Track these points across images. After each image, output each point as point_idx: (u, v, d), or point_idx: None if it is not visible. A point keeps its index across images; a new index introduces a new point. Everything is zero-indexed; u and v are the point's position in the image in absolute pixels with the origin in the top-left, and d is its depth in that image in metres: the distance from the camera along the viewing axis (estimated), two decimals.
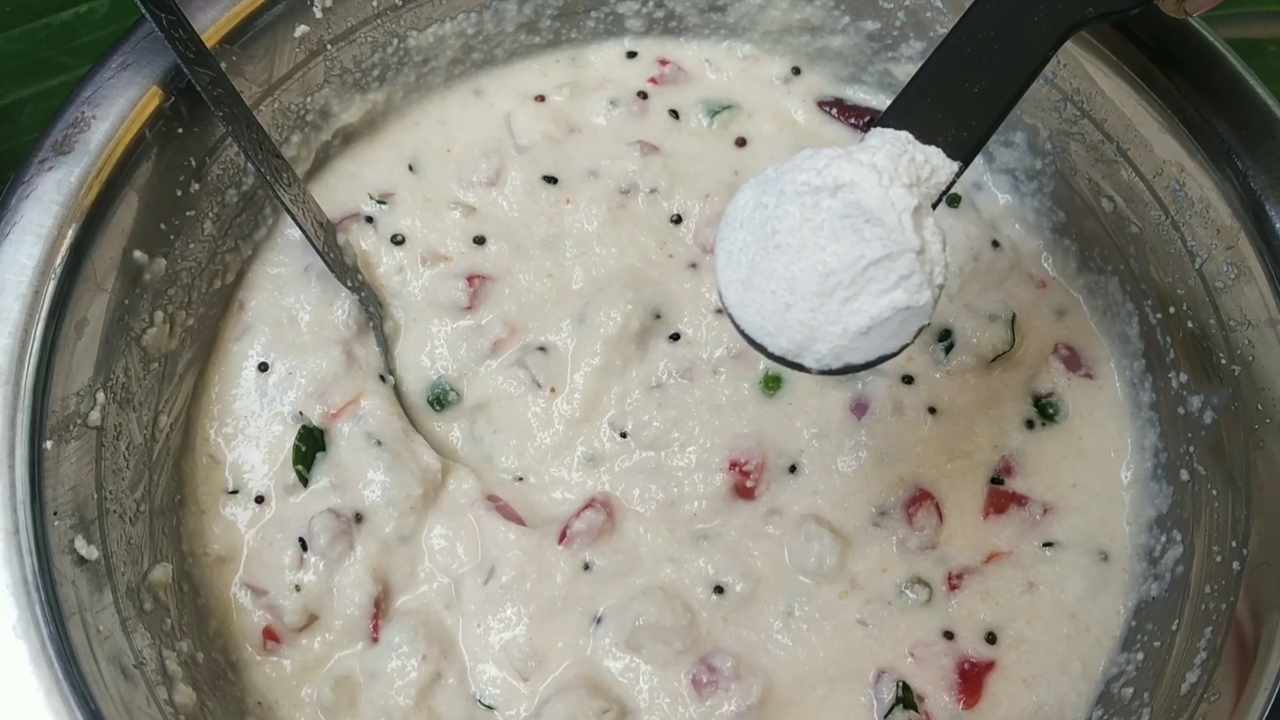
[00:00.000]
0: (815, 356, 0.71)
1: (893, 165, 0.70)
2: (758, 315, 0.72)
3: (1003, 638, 0.96)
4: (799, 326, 0.70)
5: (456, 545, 0.97)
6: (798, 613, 0.96)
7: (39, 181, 0.86)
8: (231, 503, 0.98)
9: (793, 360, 0.72)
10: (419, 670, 0.93)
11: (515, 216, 1.08)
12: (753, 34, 1.14)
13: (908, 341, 0.71)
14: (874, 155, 0.71)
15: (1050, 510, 1.00)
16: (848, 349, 0.70)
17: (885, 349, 0.71)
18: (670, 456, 1.00)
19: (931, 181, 0.72)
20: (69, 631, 0.78)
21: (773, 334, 0.72)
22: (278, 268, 1.05)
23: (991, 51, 0.76)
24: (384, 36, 1.06)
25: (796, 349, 0.71)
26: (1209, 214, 0.92)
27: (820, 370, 0.72)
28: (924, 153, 0.72)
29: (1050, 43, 0.77)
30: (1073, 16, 0.77)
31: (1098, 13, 0.78)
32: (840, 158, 0.70)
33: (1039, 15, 0.77)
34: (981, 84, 0.75)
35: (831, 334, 0.70)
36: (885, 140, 0.72)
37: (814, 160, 0.71)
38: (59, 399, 0.84)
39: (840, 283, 0.69)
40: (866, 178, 0.69)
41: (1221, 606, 0.88)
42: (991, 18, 0.77)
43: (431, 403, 1.03)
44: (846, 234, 0.69)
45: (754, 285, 0.71)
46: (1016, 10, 0.77)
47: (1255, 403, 0.90)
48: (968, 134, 0.74)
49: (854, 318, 0.69)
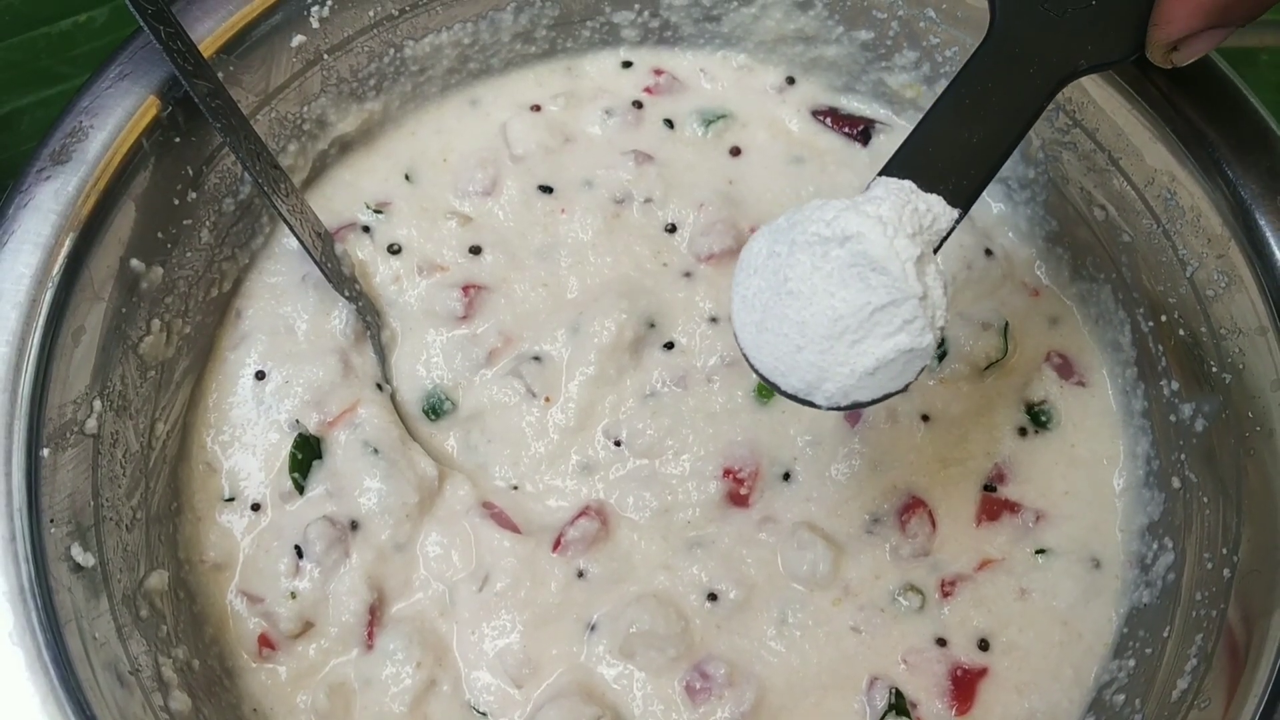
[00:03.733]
0: (825, 395, 0.75)
1: (897, 216, 0.74)
2: (771, 357, 0.76)
3: (995, 644, 0.96)
4: (809, 367, 0.74)
5: (451, 553, 0.97)
6: (791, 620, 0.96)
7: (36, 191, 0.87)
8: (228, 510, 0.98)
9: (804, 398, 0.76)
10: (414, 677, 0.93)
11: (511, 226, 1.09)
12: (747, 44, 1.15)
13: (911, 380, 0.75)
14: (879, 206, 0.74)
15: (1043, 517, 1.01)
16: (855, 388, 0.74)
17: (890, 388, 0.75)
18: (664, 464, 1.00)
19: (933, 229, 0.76)
20: (65, 638, 0.78)
21: (785, 374, 0.76)
22: (275, 276, 1.06)
23: (989, 103, 0.79)
24: (381, 46, 1.06)
25: (807, 388, 0.75)
26: (1200, 223, 0.93)
27: (829, 407, 0.76)
28: (926, 201, 0.76)
29: (1044, 94, 0.80)
30: (1065, 69, 0.81)
31: (1090, 65, 0.82)
32: (848, 209, 0.73)
33: (1034, 68, 0.80)
34: (980, 134, 0.79)
35: (840, 374, 0.74)
36: (890, 190, 0.76)
37: (823, 211, 0.74)
38: (56, 407, 0.84)
39: (848, 327, 0.73)
40: (872, 229, 0.72)
41: (1212, 613, 0.88)
42: (989, 70, 0.80)
43: (427, 412, 1.03)
44: (854, 282, 0.72)
45: (768, 328, 0.75)
46: (1012, 63, 0.80)
47: (1246, 410, 0.90)
48: (967, 182, 0.77)
49: (861, 359, 0.73)
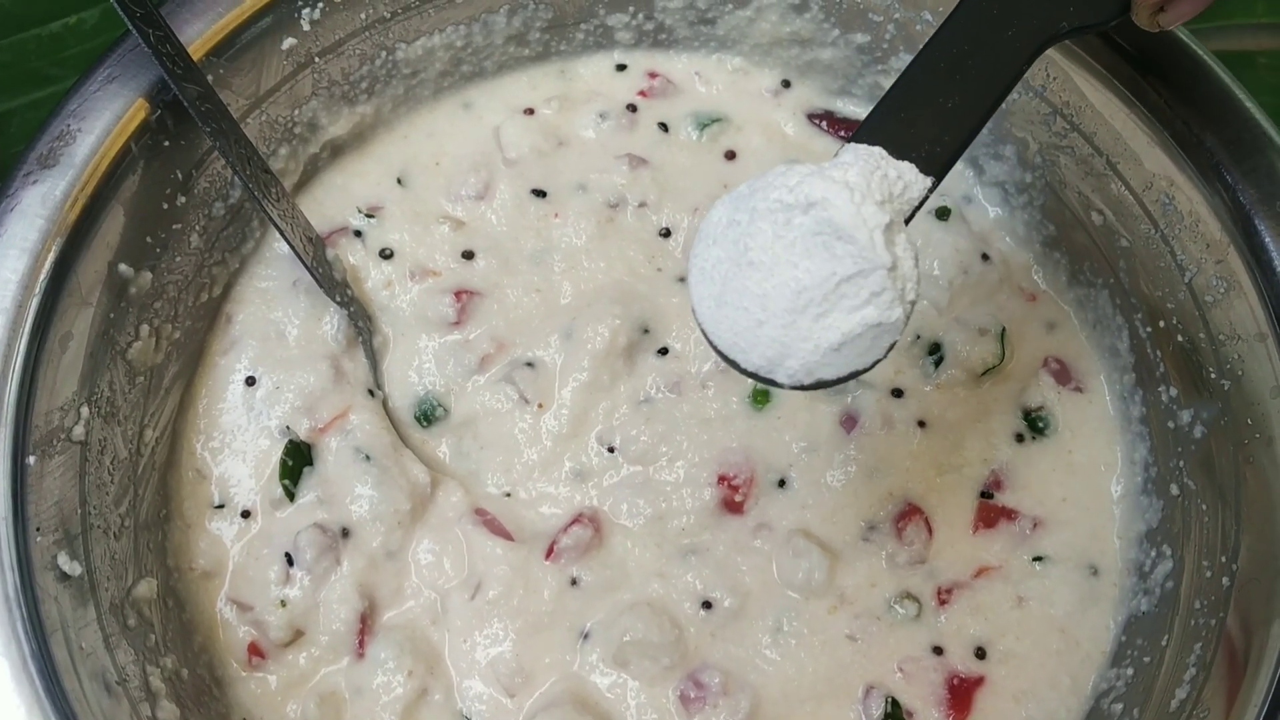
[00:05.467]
0: (787, 372, 0.71)
1: (865, 182, 0.70)
2: (731, 332, 0.72)
3: (992, 653, 0.96)
4: (771, 343, 0.70)
5: (443, 560, 0.96)
6: (786, 628, 0.95)
7: (23, 195, 0.86)
8: (217, 517, 0.98)
9: (765, 376, 0.72)
10: (405, 686, 0.92)
11: (504, 230, 1.08)
12: (742, 47, 1.14)
13: (880, 357, 0.71)
14: (846, 172, 0.70)
15: (1040, 524, 1.00)
16: (820, 365, 0.70)
17: (857, 365, 0.71)
18: (658, 471, 1.00)
19: (904, 197, 0.72)
20: (51, 648, 0.78)
21: (745, 350, 0.72)
22: (265, 281, 1.05)
23: (965, 67, 0.76)
24: (372, 49, 1.06)
25: (769, 365, 0.71)
26: (1198, 228, 0.92)
27: (792, 386, 0.72)
28: (897, 168, 0.72)
29: (1024, 58, 0.76)
30: (1047, 31, 0.77)
31: (1071, 26, 0.78)
32: (812, 175, 0.70)
33: (1013, 30, 0.76)
34: (955, 99, 0.75)
35: (803, 350, 0.70)
36: (858, 156, 0.72)
37: (786, 177, 0.70)
38: (43, 414, 0.84)
39: (812, 300, 0.69)
40: (838, 195, 0.69)
41: (1211, 622, 0.88)
42: (966, 33, 0.76)
43: (419, 418, 1.03)
44: (818, 251, 0.69)
45: (727, 302, 0.71)
46: (991, 26, 0.76)
47: (1245, 417, 0.90)
48: (941, 149, 0.74)
49: (826, 334, 0.69)
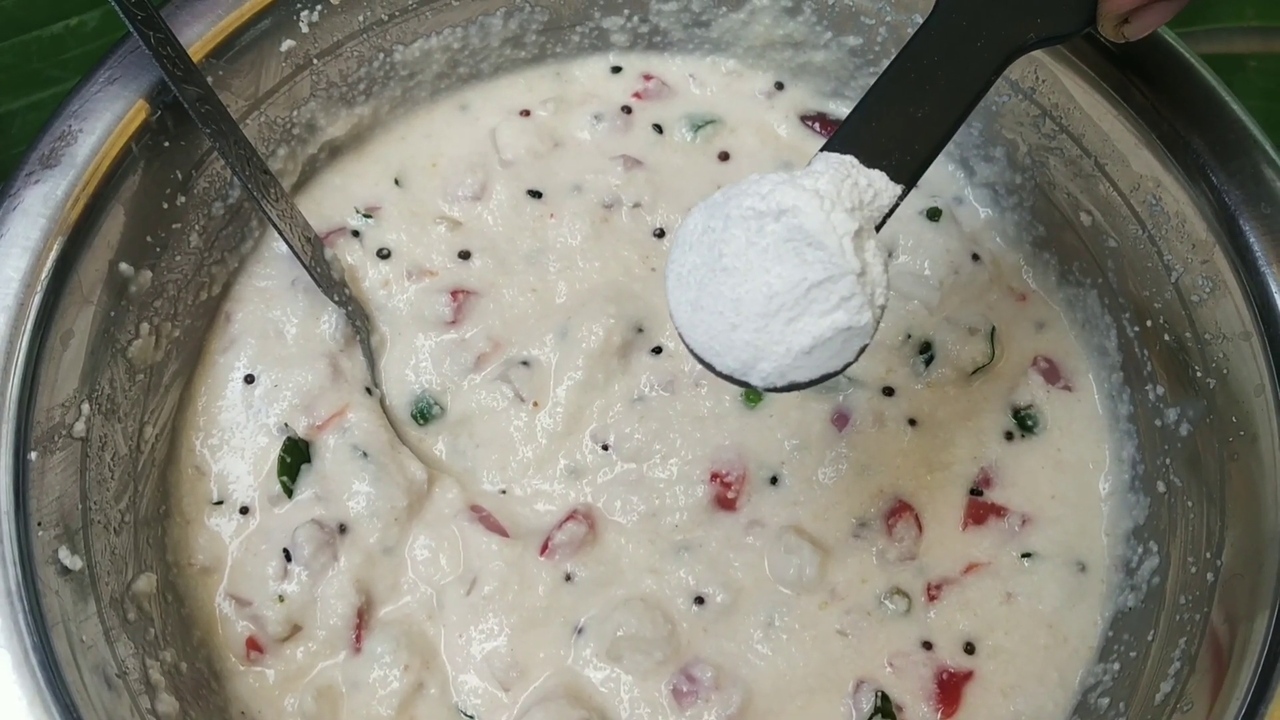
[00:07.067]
0: (761, 375, 0.72)
1: (835, 190, 0.72)
2: (706, 335, 0.73)
3: (981, 648, 0.97)
4: (745, 346, 0.72)
5: (439, 556, 0.97)
6: (778, 623, 0.96)
7: (25, 194, 0.87)
8: (216, 514, 0.98)
9: (740, 378, 0.73)
10: (401, 680, 0.93)
11: (500, 231, 1.09)
12: (736, 49, 1.15)
13: (850, 360, 0.73)
14: (817, 180, 0.72)
15: (1029, 521, 1.01)
16: (792, 368, 0.72)
17: (828, 368, 0.72)
18: (652, 468, 1.01)
19: (874, 205, 0.74)
20: (52, 641, 0.79)
21: (720, 353, 0.73)
22: (264, 280, 1.06)
23: (935, 77, 0.77)
24: (370, 51, 1.07)
25: (743, 368, 0.73)
26: (1185, 228, 0.93)
27: (766, 388, 0.73)
28: (868, 176, 0.74)
29: (992, 68, 0.78)
30: (1014, 43, 0.79)
31: (1038, 38, 0.79)
32: (784, 183, 0.71)
33: (981, 42, 0.78)
34: (925, 109, 0.76)
35: (776, 353, 0.71)
36: (830, 165, 0.74)
37: (759, 185, 0.72)
38: (44, 410, 0.85)
39: (784, 304, 0.70)
40: (809, 203, 0.70)
41: (1196, 617, 0.89)
42: (936, 44, 0.78)
43: (415, 416, 1.03)
44: (789, 257, 0.70)
45: (702, 306, 0.73)
46: (960, 37, 0.78)
47: (1230, 415, 0.91)
48: (911, 158, 0.75)
49: (797, 338, 0.71)
